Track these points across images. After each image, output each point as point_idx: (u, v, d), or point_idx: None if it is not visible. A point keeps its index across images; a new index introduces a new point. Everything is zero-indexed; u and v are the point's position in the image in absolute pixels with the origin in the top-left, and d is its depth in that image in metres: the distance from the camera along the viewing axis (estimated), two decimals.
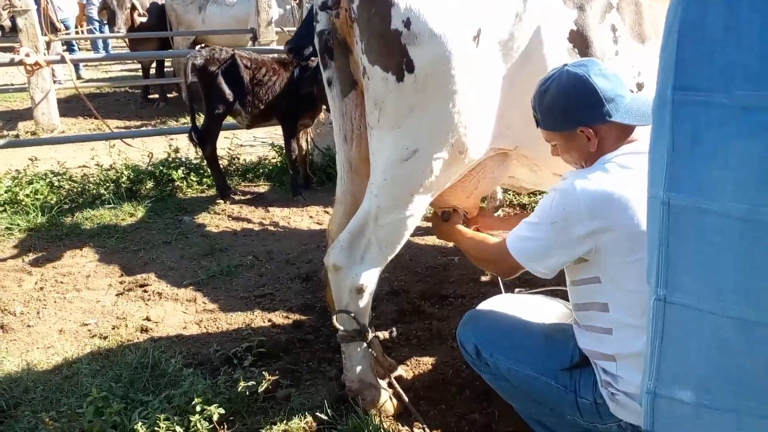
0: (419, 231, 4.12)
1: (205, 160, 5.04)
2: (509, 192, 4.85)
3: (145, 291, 3.42)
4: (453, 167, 2.04)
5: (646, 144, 1.66)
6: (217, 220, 4.49)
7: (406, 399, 2.27)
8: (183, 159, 5.32)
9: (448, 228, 2.21)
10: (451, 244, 3.75)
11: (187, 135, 4.92)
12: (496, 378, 1.95)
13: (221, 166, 5.08)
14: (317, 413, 2.23)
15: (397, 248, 2.22)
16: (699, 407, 0.45)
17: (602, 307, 1.69)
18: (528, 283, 2.76)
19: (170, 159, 5.27)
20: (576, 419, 1.78)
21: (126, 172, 5.01)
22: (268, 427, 2.21)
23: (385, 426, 2.13)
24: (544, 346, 1.88)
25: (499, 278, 2.93)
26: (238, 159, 5.60)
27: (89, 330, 3.02)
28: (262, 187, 5.27)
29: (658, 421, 0.48)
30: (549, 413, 1.87)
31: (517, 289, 2.63)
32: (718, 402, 0.45)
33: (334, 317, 2.28)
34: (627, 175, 1.61)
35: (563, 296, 2.05)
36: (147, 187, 4.96)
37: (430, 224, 3.35)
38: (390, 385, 2.34)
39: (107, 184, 4.90)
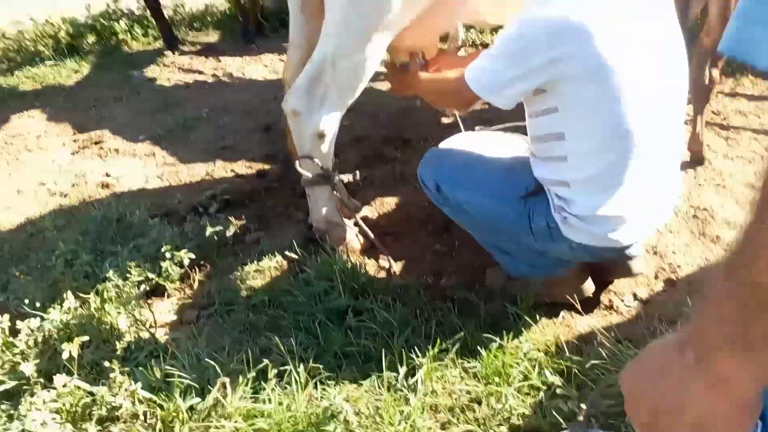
0: (380, 77, 4.03)
1: (147, 10, 4.71)
2: (472, 30, 4.71)
3: (101, 148, 3.35)
4: (412, 2, 1.95)
5: None
6: (167, 74, 4.30)
7: (372, 235, 2.35)
8: (124, 10, 4.96)
9: (407, 78, 2.13)
10: None
11: None
12: (456, 211, 2.01)
13: (166, 16, 4.77)
14: (287, 252, 2.30)
15: (356, 92, 2.17)
16: None
17: (558, 136, 1.71)
18: (488, 122, 2.77)
19: (111, 10, 4.91)
20: (530, 243, 1.88)
21: (64, 26, 4.68)
22: (239, 268, 2.29)
23: (353, 260, 2.22)
24: (501, 177, 1.92)
25: (459, 119, 2.94)
26: (183, 7, 5.25)
27: (48, 189, 2.98)
28: (212, 37, 5.01)
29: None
30: (506, 240, 1.97)
31: (477, 127, 2.65)
32: None
33: (297, 163, 2.28)
34: (587, 1, 1.56)
35: (523, 132, 2.07)
36: (89, 41, 4.67)
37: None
38: (356, 224, 2.42)
39: (46, 40, 4.59)
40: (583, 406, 1.54)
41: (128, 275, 2.16)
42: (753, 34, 0.50)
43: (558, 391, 1.63)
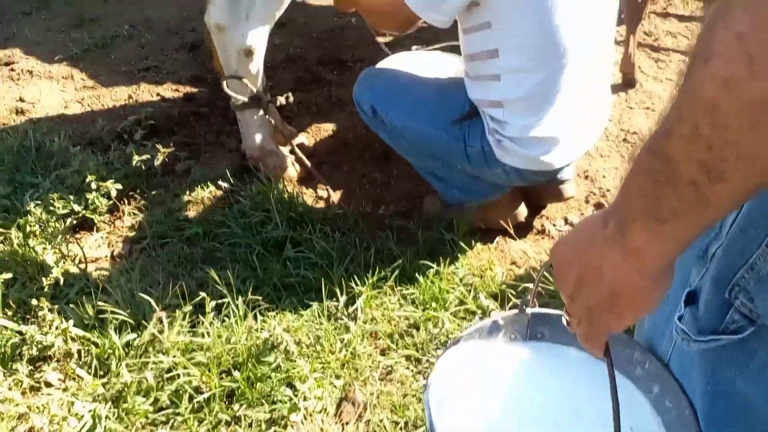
0: None
1: None
2: None
3: (12, 70, 3.08)
4: None
5: None
6: None
7: (309, 163, 2.31)
8: None
9: None
10: None
11: None
12: (393, 135, 1.99)
13: None
14: (220, 182, 2.24)
15: (284, 2, 2.06)
16: None
17: (491, 53, 1.70)
18: (426, 42, 2.70)
19: None
20: (465, 167, 1.90)
21: None
22: (170, 199, 2.22)
23: (289, 189, 2.18)
24: (436, 99, 1.91)
25: (383, 45, 2.84)
26: None
27: None
28: None
29: None
30: (442, 165, 1.97)
31: (414, 47, 2.58)
32: None
33: (224, 83, 2.18)
34: None
35: (459, 53, 2.03)
36: None
37: None
38: (291, 151, 2.36)
39: None
40: None
41: (52, 208, 2.05)
42: None
43: (493, 314, 1.69)
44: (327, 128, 2.66)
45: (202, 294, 1.71)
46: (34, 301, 1.72)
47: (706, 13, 0.47)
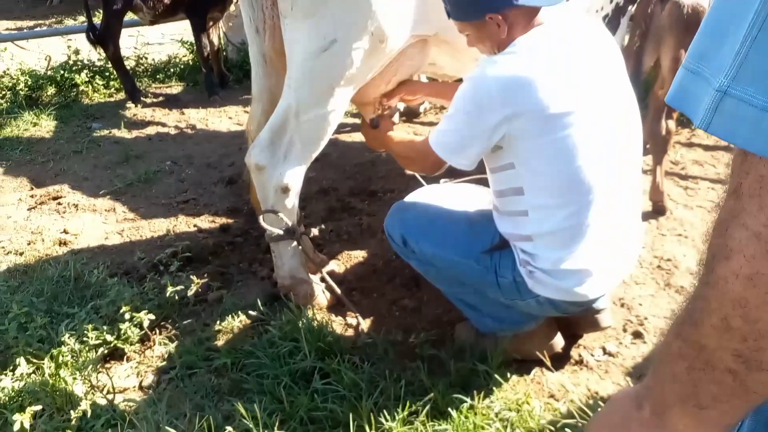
0: (346, 128, 4.06)
1: (109, 62, 4.69)
2: None
3: (59, 203, 3.26)
4: (373, 57, 1.98)
5: (553, 27, 1.67)
6: (129, 126, 4.25)
7: (339, 291, 2.32)
8: (85, 61, 4.92)
9: (379, 135, 2.14)
10: None
11: (85, 34, 4.53)
12: (423, 264, 2.01)
13: (128, 67, 4.75)
14: (250, 312, 2.24)
15: (320, 145, 2.17)
16: (765, 112, 0.45)
17: (517, 191, 1.74)
18: (453, 175, 2.80)
19: (71, 62, 4.87)
20: (498, 297, 1.88)
21: (23, 78, 4.61)
22: (201, 328, 2.22)
23: (319, 317, 2.18)
24: (466, 231, 1.93)
25: (417, 174, 2.94)
26: (146, 58, 5.24)
27: (3, 247, 2.87)
28: (175, 88, 4.99)
29: (716, 121, 0.48)
30: (473, 293, 1.96)
31: (442, 180, 2.66)
32: None
33: (261, 218, 2.25)
34: (535, 56, 1.61)
35: (485, 184, 2.09)
36: (48, 93, 4.60)
37: (358, 121, 3.29)
38: (322, 279, 2.38)
39: (3, 92, 4.52)
40: None
41: (85, 339, 2.07)
42: (694, 88, 0.50)
43: None
44: (357, 255, 2.69)
45: (228, 428, 1.66)
46: None
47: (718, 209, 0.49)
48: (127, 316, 2.14)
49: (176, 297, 2.30)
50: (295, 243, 2.29)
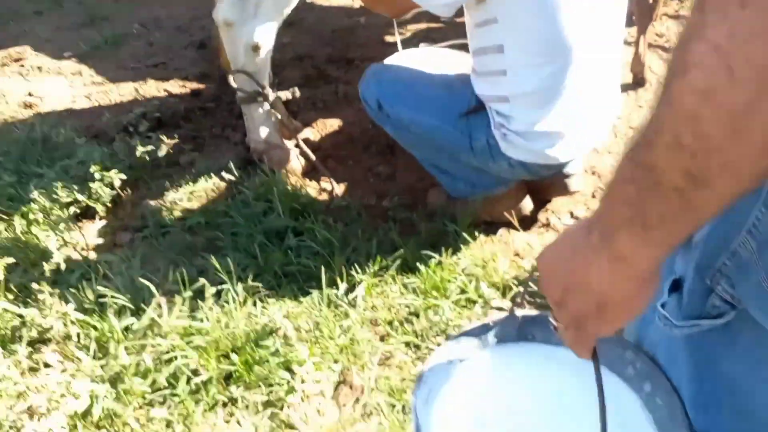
0: None
1: None
2: None
3: (22, 66, 3.12)
4: None
5: None
6: None
7: (313, 157, 2.30)
8: None
9: None
10: (357, 5, 3.57)
11: None
12: (398, 128, 1.98)
13: None
14: (224, 174, 2.23)
15: (293, 0, 2.07)
16: None
17: (498, 48, 1.69)
18: (434, 41, 2.70)
19: None
20: (470, 160, 1.88)
21: None
22: (173, 190, 2.21)
23: (293, 181, 2.18)
24: (443, 95, 1.90)
25: (398, 42, 2.84)
26: None
27: None
28: None
29: None
30: (447, 158, 1.96)
31: (421, 44, 2.58)
32: None
33: (231, 77, 2.18)
34: None
35: (466, 50, 2.03)
36: None
37: None
38: (296, 145, 2.35)
39: None
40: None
41: (55, 197, 2.05)
42: None
43: (493, 302, 1.67)
44: (333, 123, 2.66)
45: (202, 280, 1.70)
46: (35, 286, 1.71)
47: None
48: (97, 176, 2.11)
49: (147, 158, 2.27)
50: (267, 106, 2.24)
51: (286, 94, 2.35)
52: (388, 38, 3.31)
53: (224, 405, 1.45)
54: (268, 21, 2.07)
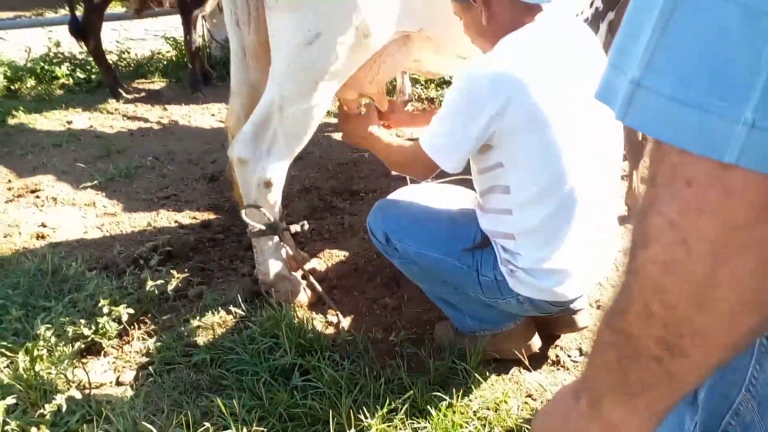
0: (329, 127, 4.06)
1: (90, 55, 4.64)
2: (417, 85, 4.84)
3: (38, 197, 3.21)
4: (358, 52, 1.98)
5: (542, 26, 1.69)
6: (110, 121, 4.21)
7: (320, 288, 2.31)
8: (66, 54, 4.86)
9: (360, 127, 2.12)
10: None
11: (67, 26, 4.47)
12: (405, 262, 2.01)
13: (110, 62, 4.69)
14: (231, 308, 2.24)
15: (304, 140, 2.17)
16: (672, 101, 0.45)
17: (504, 189, 1.75)
18: (435, 176, 2.80)
19: (51, 54, 4.80)
20: (478, 296, 1.89)
21: (1, 70, 4.54)
22: (180, 324, 2.20)
23: (300, 315, 2.17)
24: (448, 229, 1.94)
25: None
26: (129, 53, 5.19)
27: None
28: (158, 84, 4.95)
29: (631, 112, 0.48)
30: (454, 292, 1.97)
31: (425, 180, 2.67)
32: (690, 98, 0.45)
33: (243, 212, 2.25)
34: (525, 54, 1.63)
35: (469, 185, 2.10)
36: (28, 85, 4.53)
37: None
38: (303, 277, 2.38)
39: None
40: None
41: (62, 332, 2.04)
42: (615, 81, 0.50)
43: None
44: (339, 254, 2.70)
45: (206, 424, 1.65)
46: (33, 429, 1.66)
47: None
48: (105, 310, 2.11)
49: (156, 292, 2.28)
50: (277, 239, 2.29)
51: (295, 228, 2.41)
52: (393, 172, 3.43)
53: None
54: (280, 159, 2.17)
